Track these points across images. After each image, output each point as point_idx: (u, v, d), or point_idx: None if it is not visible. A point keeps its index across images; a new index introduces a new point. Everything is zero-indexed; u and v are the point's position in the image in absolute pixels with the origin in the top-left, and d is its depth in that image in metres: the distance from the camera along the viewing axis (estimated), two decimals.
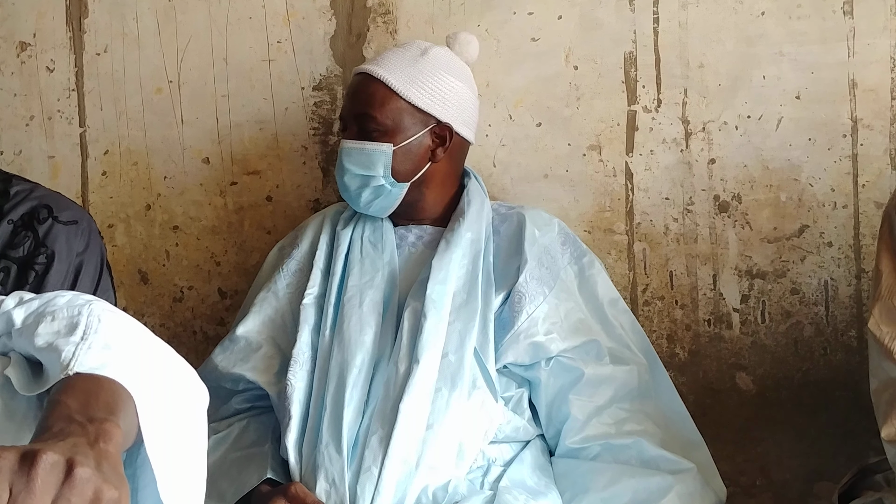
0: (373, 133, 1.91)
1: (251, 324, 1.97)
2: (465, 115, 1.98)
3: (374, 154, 1.91)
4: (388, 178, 1.92)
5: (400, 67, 1.94)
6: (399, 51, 1.98)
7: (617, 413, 1.85)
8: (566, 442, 1.84)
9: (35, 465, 0.76)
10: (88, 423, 0.85)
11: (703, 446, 1.89)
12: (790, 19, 2.08)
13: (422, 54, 1.96)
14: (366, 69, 1.95)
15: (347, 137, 1.94)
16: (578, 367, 1.86)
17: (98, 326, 0.97)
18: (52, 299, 1.03)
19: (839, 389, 2.11)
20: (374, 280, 1.90)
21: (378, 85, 1.92)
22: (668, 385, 1.94)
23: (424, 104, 1.92)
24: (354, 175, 1.92)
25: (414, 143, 1.93)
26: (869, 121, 2.07)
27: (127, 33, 2.24)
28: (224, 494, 1.79)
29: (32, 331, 0.98)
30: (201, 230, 2.26)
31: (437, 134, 1.95)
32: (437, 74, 1.95)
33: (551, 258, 1.94)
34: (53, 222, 1.75)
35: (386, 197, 1.94)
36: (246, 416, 1.94)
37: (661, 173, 2.14)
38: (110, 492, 0.78)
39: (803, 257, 2.11)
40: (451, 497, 1.76)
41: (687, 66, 2.11)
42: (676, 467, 1.80)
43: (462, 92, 1.97)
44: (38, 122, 2.28)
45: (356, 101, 1.94)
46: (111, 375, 0.92)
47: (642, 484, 1.77)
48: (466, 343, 1.82)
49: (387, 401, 1.78)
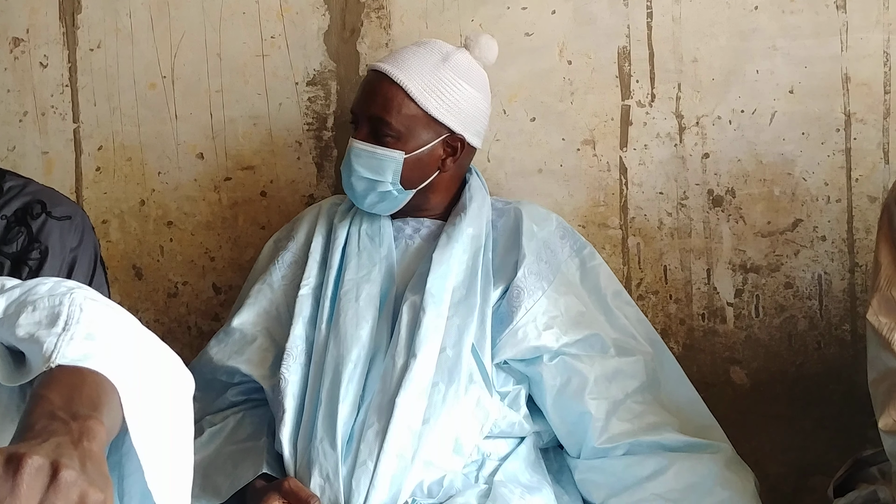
0: (385, 138, 1.88)
1: (246, 316, 1.97)
2: (478, 125, 1.96)
3: (385, 160, 1.89)
4: (395, 186, 1.90)
5: (420, 74, 1.89)
6: (420, 53, 1.93)
7: (633, 408, 1.85)
8: (593, 444, 1.82)
9: (20, 469, 0.76)
10: (72, 420, 0.84)
11: (719, 428, 1.90)
12: (783, 13, 2.09)
13: (443, 60, 1.92)
14: (385, 70, 1.90)
15: (359, 137, 1.90)
16: (583, 367, 1.85)
17: (80, 316, 0.96)
18: (33, 287, 1.02)
19: (833, 383, 2.12)
20: (370, 274, 1.90)
21: (396, 90, 1.88)
22: (678, 372, 1.95)
23: (441, 115, 1.89)
24: (361, 177, 1.90)
25: (425, 152, 1.91)
26: (862, 115, 2.08)
27: (120, 29, 2.24)
28: (219, 489, 1.79)
29: (14, 321, 0.97)
30: (195, 225, 2.25)
31: (450, 144, 1.93)
32: (457, 84, 1.91)
33: (550, 252, 1.94)
34: (47, 218, 1.75)
35: (391, 201, 1.93)
36: (241, 408, 1.94)
37: (655, 168, 2.14)
38: (96, 495, 0.78)
39: (797, 251, 2.11)
40: (447, 491, 1.76)
41: (680, 61, 2.12)
42: (712, 449, 1.82)
43: (478, 103, 1.94)
44: (32, 117, 2.27)
45: (372, 101, 1.90)
46: (94, 367, 0.91)
47: (688, 467, 1.78)
48: (464, 338, 1.82)
49: (383, 394, 1.77)
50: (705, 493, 1.75)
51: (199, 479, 1.82)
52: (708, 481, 1.76)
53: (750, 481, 1.81)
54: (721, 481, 1.76)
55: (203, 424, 1.93)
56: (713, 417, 1.91)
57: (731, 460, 1.83)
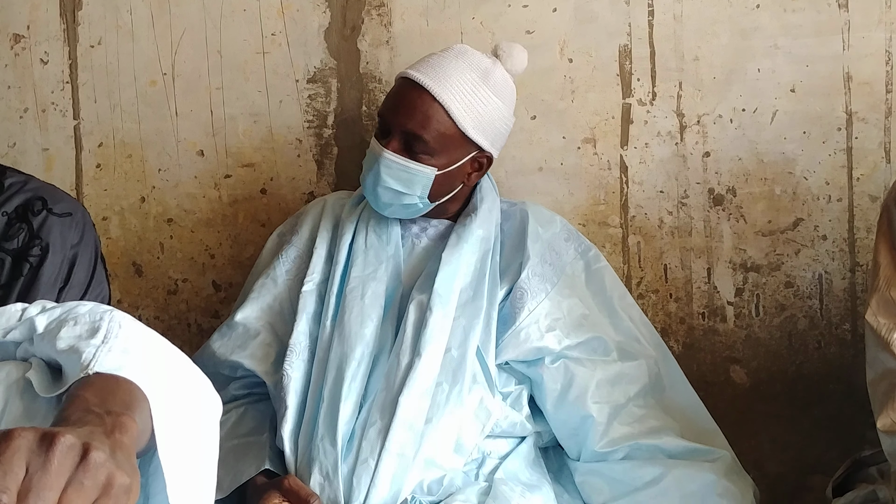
0: (419, 154, 1.85)
1: (249, 310, 1.96)
2: (503, 140, 1.95)
3: (418, 176, 1.86)
4: (423, 200, 1.89)
5: (462, 93, 1.85)
6: (460, 67, 1.88)
7: (634, 412, 1.85)
8: (594, 447, 1.82)
9: (53, 445, 0.79)
10: (106, 414, 0.87)
11: (720, 433, 1.90)
12: (785, 12, 2.08)
13: (483, 79, 1.88)
14: (426, 84, 1.85)
15: (390, 149, 1.85)
16: (585, 370, 1.85)
17: (118, 332, 1.00)
18: (74, 307, 1.06)
19: (833, 383, 2.12)
20: (377, 272, 1.89)
21: (437, 108, 1.84)
22: (680, 376, 1.94)
23: (476, 135, 1.87)
24: (389, 188, 1.87)
25: (455, 168, 1.89)
26: (864, 114, 2.08)
27: (121, 25, 2.24)
28: (220, 483, 1.78)
29: (55, 335, 1.01)
30: (195, 223, 2.25)
31: (477, 160, 1.92)
32: (493, 103, 1.88)
33: (555, 254, 1.94)
34: (48, 214, 1.74)
35: (412, 211, 1.92)
36: (244, 402, 1.93)
37: (656, 166, 2.14)
38: (122, 478, 0.81)
39: (798, 251, 2.11)
40: (447, 490, 1.76)
41: (682, 59, 2.11)
42: (712, 456, 1.82)
43: (508, 121, 1.93)
44: (33, 114, 2.27)
45: (409, 116, 1.85)
46: (129, 377, 0.94)
47: (687, 475, 1.77)
48: (470, 340, 1.82)
49: (387, 393, 1.77)
50: (703, 501, 1.75)
51: None
52: (707, 490, 1.76)
53: (749, 491, 1.80)
54: (720, 490, 1.76)
55: None
56: (714, 422, 1.91)
57: (730, 469, 1.82)
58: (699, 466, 1.79)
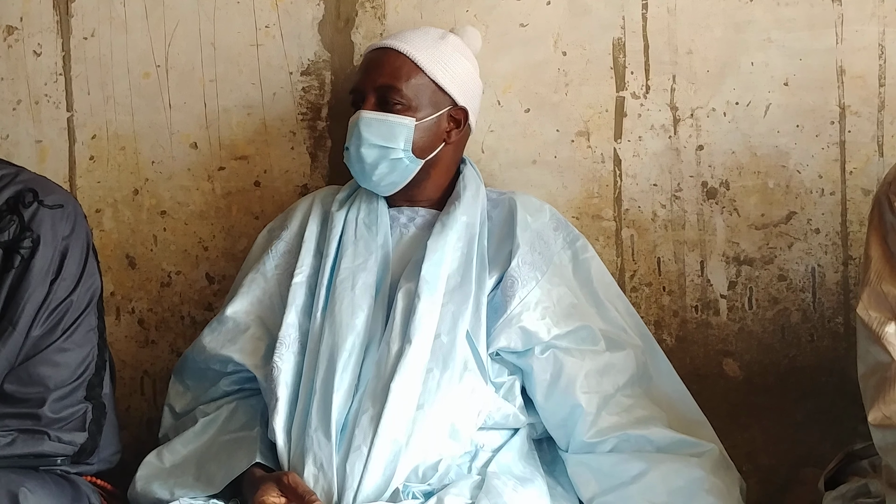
0: (395, 106, 1.91)
1: (239, 305, 1.97)
2: (476, 101, 2.02)
3: (397, 126, 1.90)
4: (407, 153, 1.91)
5: (424, 46, 1.95)
6: (418, 32, 2.00)
7: (622, 401, 1.85)
8: (583, 438, 1.83)
9: None
10: None
11: (708, 425, 1.91)
12: (778, 6, 2.08)
13: (441, 38, 1.98)
14: (389, 44, 1.95)
15: (366, 108, 1.92)
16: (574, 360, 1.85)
17: None
18: None
19: (826, 375, 2.12)
20: (367, 263, 1.90)
21: (404, 59, 1.93)
22: (667, 366, 1.95)
23: (446, 85, 1.94)
24: (373, 146, 1.91)
25: (433, 121, 1.93)
26: (857, 108, 2.08)
27: (114, 17, 2.23)
28: (213, 479, 1.79)
29: None
30: (189, 215, 2.25)
31: (454, 117, 1.96)
32: (458, 58, 1.97)
33: (544, 243, 1.94)
34: (39, 206, 1.74)
35: (401, 172, 1.93)
36: (235, 398, 1.94)
37: (650, 160, 2.14)
38: None
39: (790, 244, 2.11)
40: (442, 477, 1.76)
41: (675, 53, 2.11)
42: (699, 450, 1.82)
43: (475, 79, 2.01)
44: (25, 106, 2.27)
45: (378, 72, 1.93)
46: None
47: (674, 470, 1.78)
48: (459, 325, 1.83)
49: (378, 380, 1.78)
50: (690, 497, 1.75)
51: (194, 469, 1.83)
52: (694, 486, 1.76)
53: (736, 486, 1.81)
54: (707, 486, 1.76)
55: (196, 414, 1.94)
56: (702, 413, 1.91)
57: (717, 464, 1.82)
58: (686, 461, 1.79)
